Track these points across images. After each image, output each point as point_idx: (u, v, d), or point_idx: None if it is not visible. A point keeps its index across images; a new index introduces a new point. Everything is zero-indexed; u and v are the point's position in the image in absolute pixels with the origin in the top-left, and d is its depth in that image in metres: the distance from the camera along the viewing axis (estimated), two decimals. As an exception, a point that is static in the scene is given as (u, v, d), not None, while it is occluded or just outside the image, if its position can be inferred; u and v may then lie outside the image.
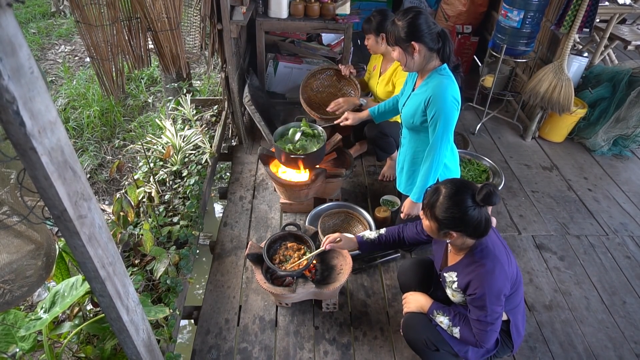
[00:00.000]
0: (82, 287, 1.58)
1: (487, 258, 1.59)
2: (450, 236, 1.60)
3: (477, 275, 1.58)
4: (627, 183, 3.47)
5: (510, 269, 1.61)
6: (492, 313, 1.57)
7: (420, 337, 1.80)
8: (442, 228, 1.59)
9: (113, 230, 2.19)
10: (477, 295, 1.57)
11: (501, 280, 1.56)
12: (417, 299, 1.89)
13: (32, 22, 6.86)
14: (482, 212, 1.53)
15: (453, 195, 1.53)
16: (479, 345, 1.63)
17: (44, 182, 0.81)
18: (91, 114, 4.62)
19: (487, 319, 1.57)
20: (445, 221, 1.55)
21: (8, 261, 1.22)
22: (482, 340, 1.61)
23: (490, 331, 1.59)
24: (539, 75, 3.48)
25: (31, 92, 0.73)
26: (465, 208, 1.51)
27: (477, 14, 4.67)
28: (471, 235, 1.58)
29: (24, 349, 1.57)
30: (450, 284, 1.72)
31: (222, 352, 2.13)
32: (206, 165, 3.03)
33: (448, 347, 1.77)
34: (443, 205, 1.54)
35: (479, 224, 1.53)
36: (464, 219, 1.52)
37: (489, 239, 1.63)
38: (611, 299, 2.51)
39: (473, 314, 1.62)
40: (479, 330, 1.61)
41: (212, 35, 2.94)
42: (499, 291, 1.55)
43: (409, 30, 1.89)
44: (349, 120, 2.61)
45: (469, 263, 1.63)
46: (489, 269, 1.56)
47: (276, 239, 2.28)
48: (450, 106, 1.93)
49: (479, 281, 1.56)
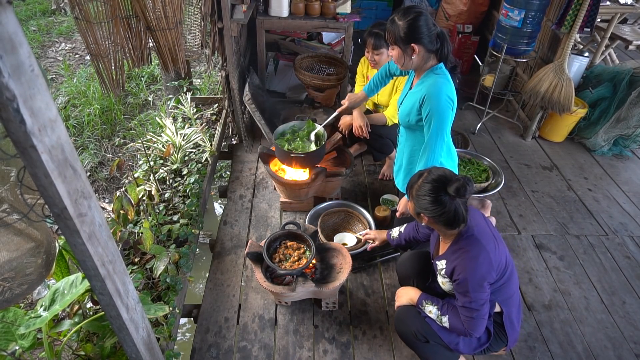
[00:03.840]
0: (82, 285, 1.58)
1: (471, 245, 1.63)
2: (422, 219, 1.69)
3: (461, 260, 1.62)
4: (627, 183, 3.47)
5: (496, 257, 1.63)
6: (476, 299, 1.60)
7: (410, 329, 1.83)
8: (417, 209, 1.68)
9: (113, 228, 2.20)
10: (459, 280, 1.61)
11: (485, 267, 1.59)
12: (407, 292, 1.93)
13: (32, 20, 6.85)
14: (454, 203, 1.59)
15: (432, 180, 1.61)
16: (467, 333, 1.66)
17: (44, 180, 0.81)
18: (91, 112, 4.62)
19: (472, 305, 1.61)
20: (420, 203, 1.64)
21: (8, 259, 1.22)
22: (470, 328, 1.64)
23: (477, 318, 1.62)
24: (539, 74, 3.48)
25: (31, 90, 0.73)
26: (437, 195, 1.59)
27: (477, 14, 4.67)
28: (443, 223, 1.64)
29: (24, 347, 1.57)
30: (440, 272, 1.75)
31: (221, 351, 2.14)
32: (206, 164, 3.03)
33: (438, 339, 1.78)
34: (421, 188, 1.63)
35: (447, 213, 1.59)
36: (434, 204, 1.61)
37: (475, 227, 1.67)
38: (611, 299, 2.51)
39: (459, 300, 1.66)
40: (466, 318, 1.64)
41: (212, 33, 2.94)
42: (482, 278, 1.59)
43: (409, 32, 1.88)
44: (346, 104, 2.59)
45: (455, 250, 1.68)
46: (473, 255, 1.60)
47: (276, 237, 2.28)
48: (445, 105, 1.93)
49: (462, 267, 1.61)
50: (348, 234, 2.68)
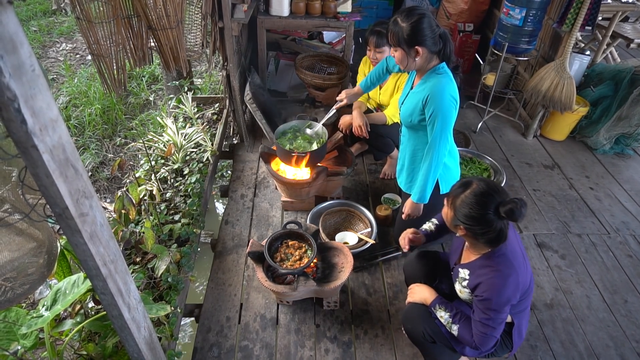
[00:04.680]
0: (84, 284, 1.59)
1: (503, 265, 1.56)
2: (460, 230, 1.61)
3: (489, 279, 1.56)
4: (629, 182, 3.46)
5: (523, 278, 1.59)
6: (495, 318, 1.56)
7: (418, 328, 1.80)
8: (456, 220, 1.60)
9: (114, 228, 2.20)
10: (484, 297, 1.56)
11: (511, 290, 1.54)
12: (422, 291, 1.87)
13: (33, 20, 6.86)
14: (499, 223, 1.51)
15: (480, 194, 1.52)
16: (475, 347, 1.63)
17: (45, 180, 0.81)
18: (92, 112, 4.62)
19: (489, 323, 1.56)
20: (461, 215, 1.56)
21: (10, 259, 1.22)
22: (480, 343, 1.60)
23: (490, 336, 1.58)
24: (540, 73, 3.47)
25: (32, 90, 0.73)
26: (485, 212, 1.50)
27: (478, 12, 4.66)
28: (479, 238, 1.58)
29: (26, 347, 1.57)
30: (461, 280, 1.71)
31: (223, 350, 2.14)
32: (207, 163, 3.03)
33: (445, 341, 1.77)
34: (467, 199, 1.54)
35: (490, 232, 1.52)
36: (479, 221, 1.52)
37: (508, 247, 1.60)
38: (612, 297, 2.50)
39: (476, 314, 1.62)
40: (479, 333, 1.60)
41: (213, 33, 2.94)
42: (507, 300, 1.54)
43: (412, 34, 1.86)
44: (344, 100, 2.60)
45: (483, 265, 1.62)
46: (503, 275, 1.54)
47: (277, 237, 2.28)
48: (448, 105, 1.93)
49: (489, 285, 1.55)
50: (349, 233, 2.68)
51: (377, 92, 2.98)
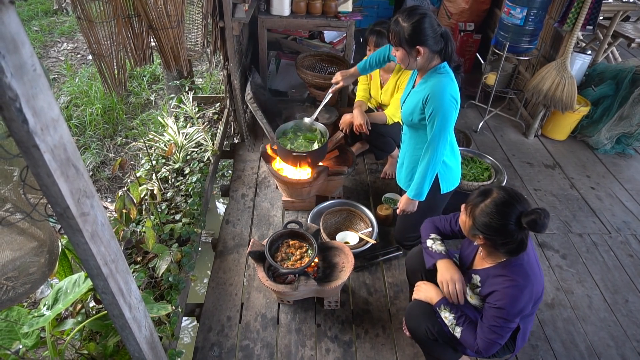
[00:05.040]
0: (85, 284, 1.59)
1: (519, 276, 1.53)
2: (478, 239, 1.58)
3: (504, 288, 1.53)
4: (630, 181, 3.45)
5: (537, 288, 1.57)
6: (504, 327, 1.54)
7: (422, 325, 1.78)
8: (474, 229, 1.56)
9: (115, 227, 2.20)
10: (497, 306, 1.54)
11: (525, 301, 1.52)
12: (428, 289, 1.83)
13: (34, 20, 6.86)
14: (520, 234, 1.48)
15: (501, 204, 1.49)
16: (477, 351, 1.61)
17: (46, 179, 0.81)
18: (93, 111, 4.63)
19: (498, 331, 1.55)
20: (481, 224, 1.52)
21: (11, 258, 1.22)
22: (484, 348, 1.58)
23: (495, 342, 1.56)
24: (541, 72, 3.47)
25: (34, 89, 0.73)
26: (506, 222, 1.47)
27: (479, 12, 4.65)
28: (499, 248, 1.54)
29: (27, 346, 1.57)
30: (472, 287, 1.70)
31: (224, 350, 2.14)
32: (208, 163, 3.03)
33: (448, 340, 1.76)
34: (487, 208, 1.50)
35: (511, 243, 1.49)
36: (499, 231, 1.49)
37: (525, 258, 1.58)
38: (614, 297, 2.50)
39: (486, 321, 1.59)
40: (484, 338, 1.58)
41: (214, 32, 2.94)
42: (520, 311, 1.52)
43: (414, 34, 1.86)
44: (340, 82, 2.61)
45: (498, 274, 1.59)
46: (519, 287, 1.51)
47: (278, 236, 2.28)
48: (448, 104, 1.93)
49: (504, 295, 1.53)
50: (350, 233, 2.68)
51: (379, 91, 2.98)
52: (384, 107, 3.07)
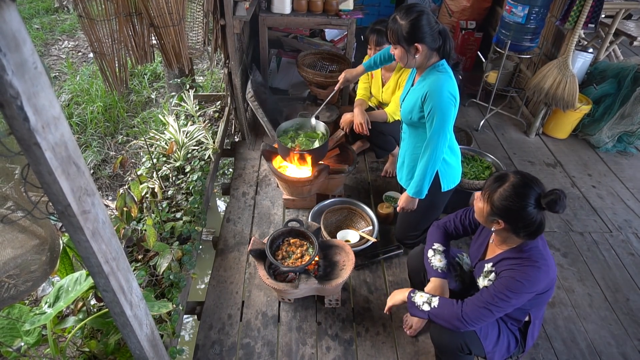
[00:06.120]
0: (86, 282, 1.59)
1: (536, 257, 1.54)
2: (497, 224, 1.57)
3: (522, 267, 1.53)
4: (632, 180, 3.45)
5: (552, 274, 1.57)
6: (506, 301, 1.51)
7: (457, 340, 1.68)
8: (493, 214, 1.56)
9: (116, 225, 2.20)
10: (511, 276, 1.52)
11: (540, 281, 1.51)
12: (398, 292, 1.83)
13: (35, 18, 6.86)
14: (539, 215, 1.49)
15: (519, 186, 1.49)
16: (459, 316, 1.55)
17: (47, 177, 0.81)
18: (94, 109, 4.63)
19: (497, 302, 1.51)
20: (500, 209, 1.52)
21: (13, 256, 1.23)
22: (469, 314, 1.54)
23: (486, 312, 1.53)
24: (543, 71, 3.46)
25: (35, 87, 0.73)
26: (526, 204, 1.47)
27: (481, 10, 4.64)
28: (518, 232, 1.54)
29: (29, 343, 1.58)
30: (486, 274, 1.67)
31: (224, 347, 2.14)
32: (209, 161, 3.03)
33: (480, 350, 1.69)
34: (505, 192, 1.50)
35: (531, 225, 1.49)
36: (519, 214, 1.49)
37: (540, 242, 1.58)
38: (614, 296, 2.50)
39: (491, 288, 1.55)
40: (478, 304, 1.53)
41: (215, 30, 2.93)
42: (533, 288, 1.51)
43: (411, 31, 1.87)
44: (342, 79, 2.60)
45: (514, 257, 1.59)
46: (537, 266, 1.52)
47: (279, 234, 2.29)
48: (447, 102, 1.93)
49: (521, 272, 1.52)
50: (351, 231, 2.68)
51: (380, 89, 2.97)
52: (384, 106, 3.07)
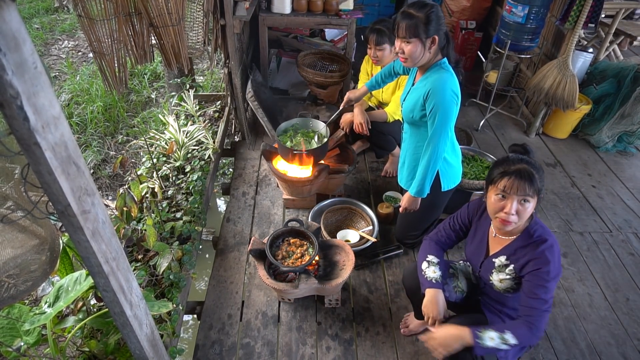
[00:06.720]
0: (86, 281, 1.59)
1: (544, 233, 1.56)
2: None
3: (538, 251, 1.52)
4: (632, 180, 3.45)
5: None
6: (551, 289, 1.49)
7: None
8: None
9: (116, 225, 2.20)
10: (541, 270, 1.50)
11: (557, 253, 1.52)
12: (448, 334, 1.59)
13: (35, 18, 6.86)
14: None
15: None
16: (534, 331, 1.49)
17: (47, 177, 0.81)
18: (94, 109, 4.63)
19: (547, 297, 1.49)
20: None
21: (12, 256, 1.23)
22: (537, 323, 1.48)
23: (546, 312, 1.49)
24: (543, 71, 3.46)
25: (35, 87, 0.73)
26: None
27: (481, 10, 4.64)
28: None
29: (29, 343, 1.58)
30: (501, 268, 1.64)
31: (224, 347, 2.14)
32: (209, 161, 3.03)
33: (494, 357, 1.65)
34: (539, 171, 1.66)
35: None
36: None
37: (538, 220, 1.62)
38: (614, 295, 2.50)
39: (531, 292, 1.51)
40: (534, 313, 1.49)
41: (215, 30, 2.93)
42: (559, 263, 1.51)
43: (431, 22, 1.86)
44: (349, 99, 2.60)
45: (524, 243, 1.58)
46: (551, 243, 1.53)
47: (279, 234, 2.28)
48: (449, 100, 1.93)
49: (542, 256, 1.51)
50: (351, 231, 2.68)
51: (380, 89, 2.97)
52: (384, 106, 3.07)
